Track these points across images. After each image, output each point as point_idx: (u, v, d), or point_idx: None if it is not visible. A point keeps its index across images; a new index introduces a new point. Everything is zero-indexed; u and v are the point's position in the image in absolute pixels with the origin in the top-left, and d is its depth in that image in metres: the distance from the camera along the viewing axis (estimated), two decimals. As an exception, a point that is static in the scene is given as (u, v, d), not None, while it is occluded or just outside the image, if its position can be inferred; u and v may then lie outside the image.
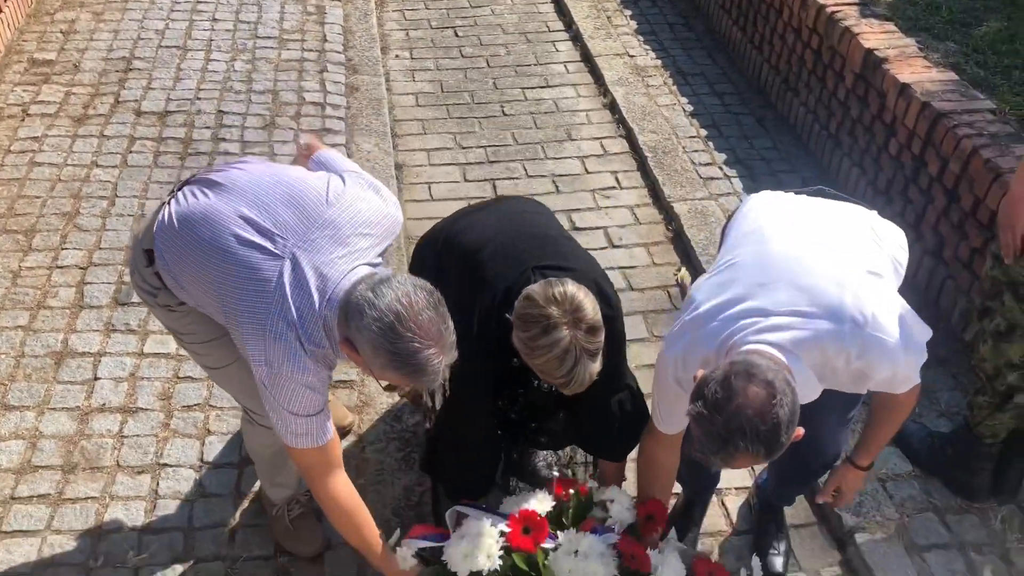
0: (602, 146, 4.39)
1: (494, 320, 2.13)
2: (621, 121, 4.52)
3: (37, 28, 5.00)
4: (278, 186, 2.03)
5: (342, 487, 2.11)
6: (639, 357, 3.27)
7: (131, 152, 4.07)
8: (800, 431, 1.71)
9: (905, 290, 2.06)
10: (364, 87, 4.70)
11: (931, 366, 3.18)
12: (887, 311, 1.84)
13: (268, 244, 1.94)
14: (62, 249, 3.53)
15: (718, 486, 2.82)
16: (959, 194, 3.27)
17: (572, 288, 1.98)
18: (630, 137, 4.40)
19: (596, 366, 2.00)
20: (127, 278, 3.41)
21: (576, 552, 2.15)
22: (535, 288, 2.01)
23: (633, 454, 2.39)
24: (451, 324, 1.87)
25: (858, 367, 1.85)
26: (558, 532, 2.22)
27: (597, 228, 3.88)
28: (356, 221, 2.01)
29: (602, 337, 2.00)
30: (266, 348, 1.89)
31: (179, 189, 2.16)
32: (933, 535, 2.69)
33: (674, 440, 2.16)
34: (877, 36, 3.86)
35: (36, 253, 3.51)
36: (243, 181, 2.07)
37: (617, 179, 4.17)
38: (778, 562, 2.62)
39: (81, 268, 3.45)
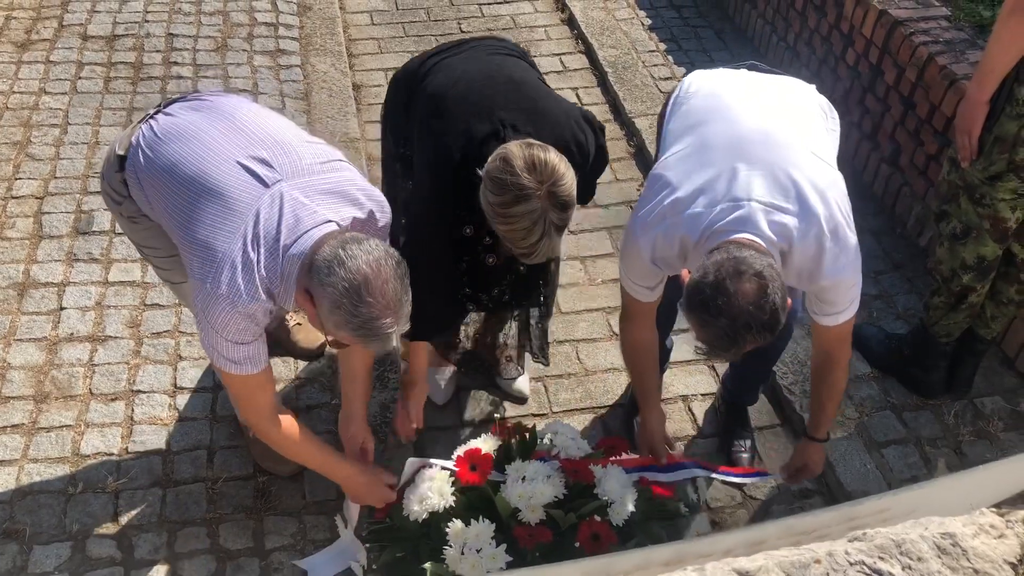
0: (561, 62, 4.36)
1: (460, 171, 2.08)
2: (580, 37, 4.49)
3: (-30, -51, 4.79)
4: (283, 129, 2.04)
5: (273, 412, 2.13)
6: (605, 271, 3.32)
7: (80, 78, 3.96)
8: (789, 301, 1.82)
9: (861, 197, 2.13)
10: (317, 6, 4.60)
11: (888, 271, 3.30)
12: (850, 231, 1.94)
13: (261, 170, 1.94)
14: (15, 179, 3.46)
15: (685, 393, 2.91)
16: (915, 102, 3.32)
17: (554, 158, 1.92)
18: (589, 53, 4.38)
19: (559, 242, 2.01)
20: (86, 206, 3.36)
21: (523, 479, 2.21)
22: (514, 150, 1.92)
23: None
24: (410, 296, 1.86)
25: (810, 268, 1.93)
26: (506, 467, 2.28)
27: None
28: (350, 186, 2.01)
29: (572, 213, 1.98)
30: (214, 273, 1.88)
31: (167, 105, 2.13)
32: (891, 431, 2.80)
33: (650, 314, 2.23)
34: (835, -56, 3.85)
35: (-11, 184, 3.44)
36: (244, 110, 2.07)
37: (578, 95, 4.16)
38: (744, 459, 2.73)
39: (37, 198, 3.39)
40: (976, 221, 2.47)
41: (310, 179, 1.96)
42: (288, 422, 2.17)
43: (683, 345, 3.06)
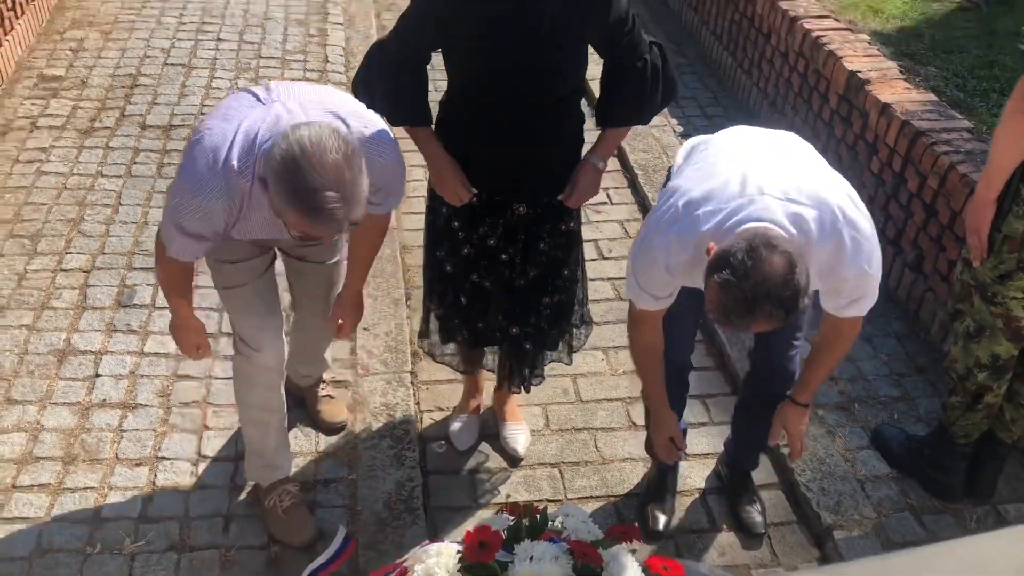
0: (607, 195, 4.49)
1: None
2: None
3: (47, 46, 5.14)
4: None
5: (169, 266, 2.27)
6: (627, 363, 3.36)
7: (135, 163, 4.18)
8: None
9: (885, 300, 2.17)
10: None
11: (910, 374, 3.30)
12: (866, 220, 1.99)
13: (261, 93, 2.12)
14: (66, 253, 3.63)
15: (702, 487, 2.91)
16: (937, 209, 3.38)
17: None
18: (622, 156, 4.53)
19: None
20: (129, 281, 3.51)
21: (531, 558, 2.21)
22: None
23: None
24: (363, 183, 1.87)
25: (831, 262, 1.95)
26: (514, 547, 2.28)
27: (588, 240, 3.96)
28: (343, 107, 2.15)
29: None
30: (192, 160, 2.04)
31: None
32: (909, 533, 2.76)
33: (658, 322, 2.25)
34: (860, 59, 4.00)
35: (41, 257, 3.61)
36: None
37: (608, 195, 4.28)
38: (758, 520, 2.76)
39: (84, 271, 3.55)
40: (989, 320, 2.49)
41: (306, 97, 2.11)
42: (182, 270, 2.31)
43: (700, 438, 3.07)
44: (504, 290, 2.64)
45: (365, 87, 2.38)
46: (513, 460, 3.00)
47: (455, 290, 2.68)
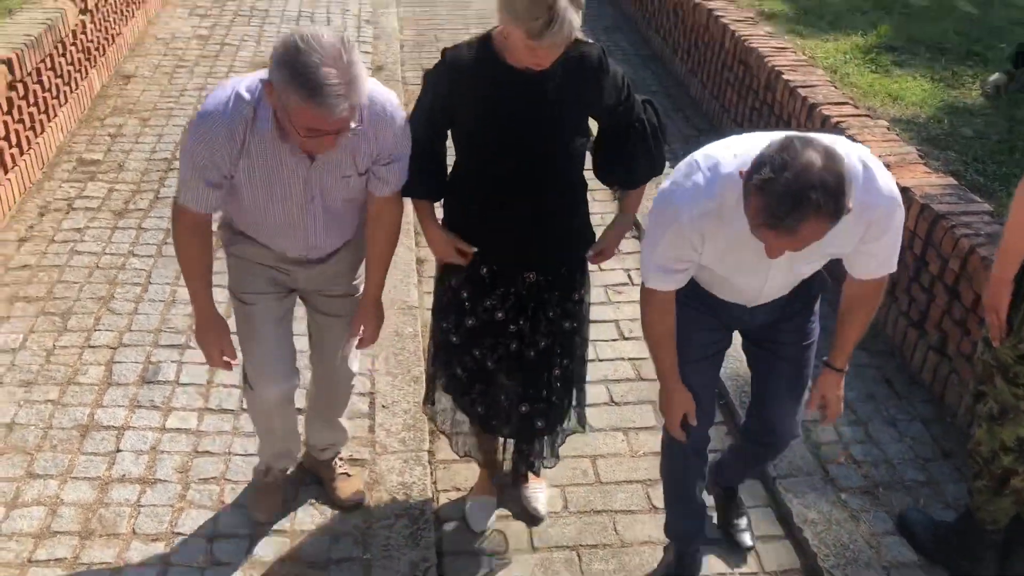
0: (629, 277, 4.51)
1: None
2: (635, 224, 4.68)
3: (87, 131, 5.33)
4: None
5: (189, 237, 2.39)
6: (647, 444, 3.33)
7: (166, 243, 4.28)
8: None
9: (910, 383, 2.17)
10: (390, 189, 4.93)
11: (936, 459, 3.24)
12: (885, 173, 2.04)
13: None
14: (95, 330, 3.70)
15: (724, 571, 2.84)
16: (960, 291, 3.36)
17: None
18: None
19: (577, 20, 2.09)
20: (155, 358, 3.56)
21: None
22: None
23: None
24: (362, 71, 2.00)
25: (862, 199, 1.94)
26: None
27: (609, 321, 4.00)
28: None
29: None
30: (209, 100, 2.20)
31: None
32: (937, 623, 2.68)
33: (671, 304, 2.28)
34: (879, 144, 4.03)
35: (70, 333, 3.68)
36: None
37: (629, 276, 4.31)
38: (746, 536, 2.91)
39: (111, 348, 3.61)
40: (1012, 401, 2.46)
41: None
42: (200, 244, 2.41)
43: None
44: (513, 365, 2.66)
45: None
46: (534, 519, 2.98)
47: (457, 363, 2.71)
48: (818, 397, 2.45)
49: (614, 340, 3.85)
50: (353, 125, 2.10)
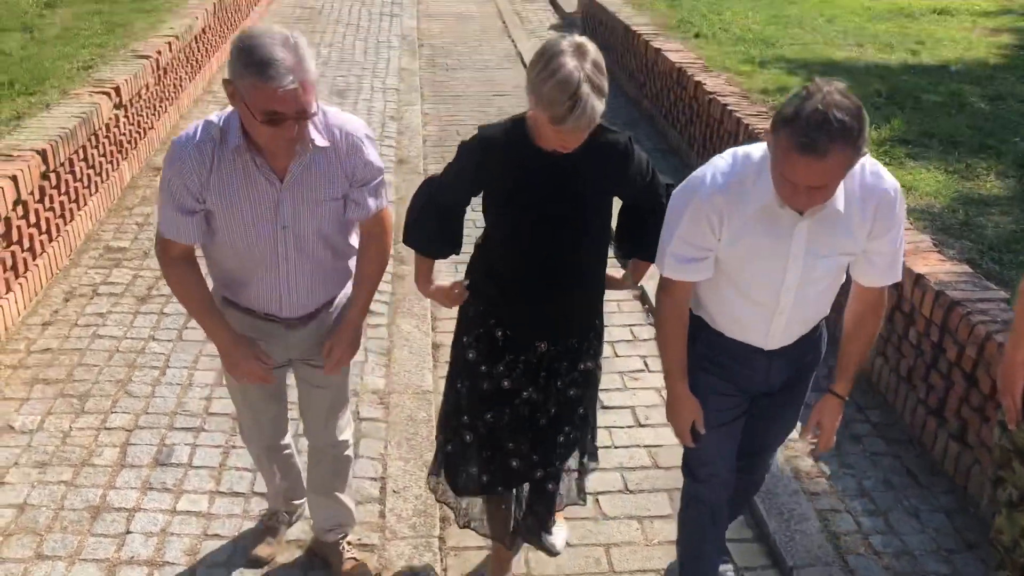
0: (632, 332, 4.55)
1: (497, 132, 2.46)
2: (651, 311, 4.70)
3: (116, 220, 5.47)
4: None
5: (172, 258, 2.43)
6: (662, 532, 3.27)
7: (186, 328, 4.33)
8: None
9: (931, 473, 2.15)
10: (409, 277, 4.98)
11: (960, 551, 3.17)
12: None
13: None
14: (111, 412, 3.73)
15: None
16: (977, 378, 3.33)
17: (579, 38, 2.24)
18: (660, 326, 4.57)
19: (600, 106, 2.20)
20: (169, 440, 3.58)
21: None
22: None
23: None
24: (310, 56, 2.12)
25: (872, 182, 2.17)
26: None
27: (625, 407, 3.98)
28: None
29: (606, 81, 2.21)
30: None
31: None
32: None
33: (687, 295, 2.39)
34: (893, 232, 4.05)
35: (87, 415, 3.71)
36: None
37: (645, 363, 4.30)
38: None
39: (127, 430, 3.63)
40: (1032, 487, 2.41)
41: None
42: (189, 272, 2.44)
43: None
44: (524, 430, 2.68)
45: (412, 219, 2.64)
46: (550, 552, 3.02)
47: (467, 428, 2.73)
48: (814, 423, 2.48)
49: (630, 427, 3.82)
50: (320, 142, 2.28)
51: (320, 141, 2.28)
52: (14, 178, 4.28)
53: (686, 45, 7.58)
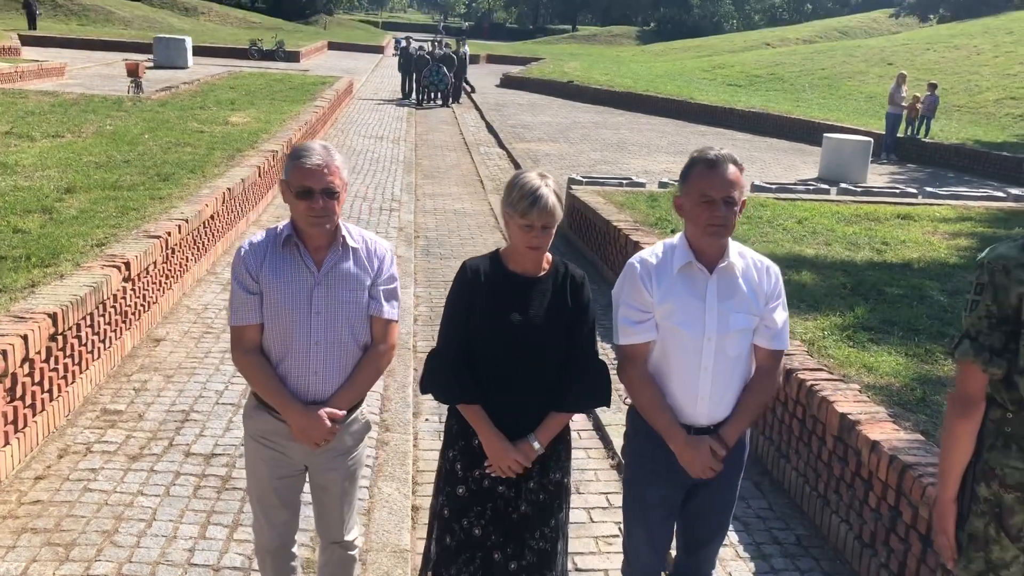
0: (608, 500, 4.69)
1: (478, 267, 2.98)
2: (615, 452, 4.85)
3: (114, 385, 5.69)
4: None
5: (243, 348, 2.99)
6: None
7: (175, 484, 4.47)
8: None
9: None
10: (393, 443, 5.17)
11: None
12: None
13: None
14: (96, 560, 3.81)
15: None
16: (931, 539, 3.47)
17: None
18: (634, 495, 4.71)
19: (559, 207, 2.83)
20: (149, 587, 3.64)
21: None
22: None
23: None
24: (340, 158, 2.90)
25: (761, 262, 3.01)
26: None
27: (598, 570, 4.06)
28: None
29: (563, 197, 2.88)
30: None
31: None
32: None
33: (644, 359, 2.93)
34: (850, 403, 4.30)
35: (71, 563, 3.79)
36: None
37: (620, 529, 4.40)
38: None
39: (109, 579, 3.70)
40: (977, 623, 2.52)
41: None
42: (258, 360, 2.96)
43: None
44: (500, 525, 2.96)
45: (430, 382, 3.02)
46: None
47: (448, 533, 2.97)
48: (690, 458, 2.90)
49: (602, 588, 3.90)
50: (351, 243, 2.98)
51: (351, 242, 2.99)
52: (25, 337, 4.55)
53: (662, 238, 8.06)
